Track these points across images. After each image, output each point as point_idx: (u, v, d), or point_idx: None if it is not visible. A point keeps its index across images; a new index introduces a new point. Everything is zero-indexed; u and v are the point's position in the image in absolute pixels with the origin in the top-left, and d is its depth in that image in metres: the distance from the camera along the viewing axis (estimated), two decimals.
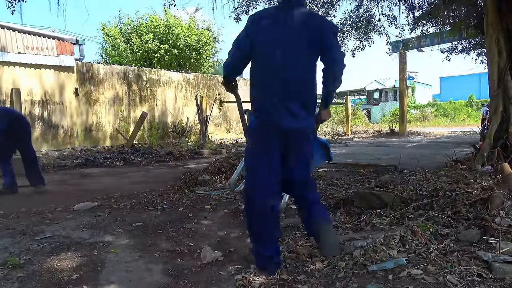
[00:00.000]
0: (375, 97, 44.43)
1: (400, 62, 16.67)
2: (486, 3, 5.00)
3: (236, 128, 16.97)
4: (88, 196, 4.54)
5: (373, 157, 8.28)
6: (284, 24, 2.25)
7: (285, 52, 2.21)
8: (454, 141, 12.43)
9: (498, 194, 2.80)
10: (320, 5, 9.13)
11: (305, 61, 2.25)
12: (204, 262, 2.45)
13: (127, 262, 2.49)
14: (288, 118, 2.20)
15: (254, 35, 2.27)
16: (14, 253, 2.62)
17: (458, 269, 2.00)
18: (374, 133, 18.71)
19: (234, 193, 4.49)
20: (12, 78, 10.00)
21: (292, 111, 2.20)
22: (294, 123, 2.22)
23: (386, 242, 2.39)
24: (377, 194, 3.40)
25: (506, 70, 4.76)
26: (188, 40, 17.69)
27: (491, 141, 4.71)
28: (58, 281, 2.20)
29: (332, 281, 2.08)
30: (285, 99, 2.20)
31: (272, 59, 2.23)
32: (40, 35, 10.51)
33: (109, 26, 18.54)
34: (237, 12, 8.79)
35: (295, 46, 2.23)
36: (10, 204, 4.18)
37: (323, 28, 2.24)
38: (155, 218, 3.54)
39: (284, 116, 2.20)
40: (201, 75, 16.09)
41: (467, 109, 31.09)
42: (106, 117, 12.29)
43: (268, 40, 2.25)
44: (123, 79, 12.82)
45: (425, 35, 12.71)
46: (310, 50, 2.24)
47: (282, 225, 3.27)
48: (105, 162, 8.24)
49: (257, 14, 2.42)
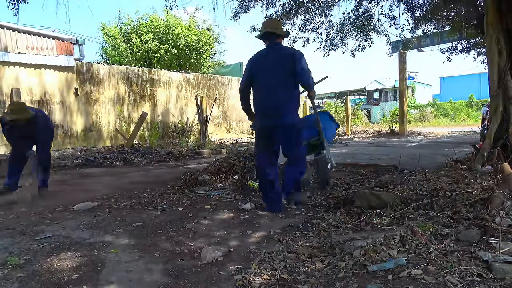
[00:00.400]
0: (375, 97, 44.44)
1: (400, 62, 16.67)
2: (486, 3, 4.99)
3: (236, 128, 16.98)
4: (88, 196, 4.54)
5: (373, 157, 8.28)
6: (270, 58, 3.61)
7: (272, 75, 3.55)
8: (454, 141, 12.43)
9: (498, 194, 2.80)
10: (318, 5, 9.12)
11: (287, 79, 3.56)
12: (204, 262, 2.45)
13: (127, 262, 2.49)
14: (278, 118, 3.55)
15: (253, 69, 3.69)
16: (14, 253, 2.62)
17: (458, 269, 2.00)
18: (374, 133, 18.72)
19: (234, 193, 4.50)
20: (12, 78, 10.00)
21: (280, 112, 3.54)
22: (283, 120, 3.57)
23: (386, 242, 2.39)
24: (377, 194, 3.40)
25: (506, 70, 4.75)
26: (188, 40, 17.69)
27: (491, 141, 4.71)
28: (58, 281, 2.20)
29: (332, 281, 2.08)
30: (276, 105, 3.54)
31: (265, 80, 3.60)
32: (40, 35, 10.51)
33: (109, 26, 18.55)
34: (237, 11, 8.81)
35: (279, 70, 3.54)
36: (10, 204, 4.18)
37: (293, 57, 3.53)
38: (155, 218, 3.54)
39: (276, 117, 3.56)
40: (201, 75, 16.10)
41: (467, 109, 31.10)
42: (106, 117, 12.30)
43: (262, 69, 3.63)
44: (123, 79, 12.82)
45: (425, 35, 12.71)
46: (288, 72, 3.53)
47: (282, 224, 3.28)
48: (105, 162, 8.24)
49: (253, 56, 3.75)
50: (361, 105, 33.79)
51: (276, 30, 3.68)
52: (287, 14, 9.02)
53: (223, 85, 16.60)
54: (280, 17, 9.10)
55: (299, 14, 9.15)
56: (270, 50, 3.66)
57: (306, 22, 9.51)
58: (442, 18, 8.12)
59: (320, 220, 3.26)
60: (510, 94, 4.72)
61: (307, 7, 9.04)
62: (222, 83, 16.61)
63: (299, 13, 9.10)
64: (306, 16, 9.31)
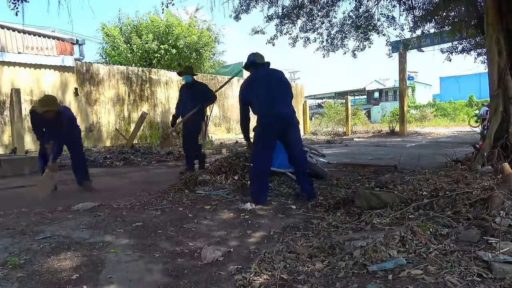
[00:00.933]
0: (375, 97, 44.45)
1: (400, 62, 16.68)
2: (486, 3, 4.99)
3: (236, 128, 16.96)
4: (88, 196, 4.54)
5: (373, 157, 8.28)
6: (265, 76, 4.24)
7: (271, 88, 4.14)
8: (454, 141, 12.43)
9: (498, 194, 2.80)
10: (320, 7, 9.12)
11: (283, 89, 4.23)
12: (204, 262, 2.45)
13: (127, 262, 2.49)
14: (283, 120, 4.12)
15: (253, 88, 4.21)
16: (14, 253, 2.61)
17: (458, 269, 2.00)
18: (374, 133, 18.73)
19: (234, 193, 4.50)
20: (12, 78, 10.00)
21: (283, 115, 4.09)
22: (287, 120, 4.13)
23: (386, 242, 2.39)
24: (377, 194, 3.40)
25: (506, 70, 4.75)
26: (188, 40, 17.68)
27: (491, 141, 4.71)
28: (58, 281, 2.20)
29: (332, 281, 2.08)
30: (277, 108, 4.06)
31: (265, 94, 4.11)
32: (40, 35, 10.51)
33: (109, 26, 18.53)
34: (237, 12, 8.81)
35: (275, 85, 4.18)
36: (10, 204, 4.18)
37: (281, 76, 4.31)
38: (155, 218, 3.54)
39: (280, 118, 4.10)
40: (201, 75, 16.09)
41: (467, 109, 31.10)
42: (106, 117, 12.30)
43: (261, 86, 4.16)
44: (123, 79, 12.82)
45: (425, 35, 12.71)
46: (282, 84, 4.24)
47: (282, 224, 3.28)
48: (105, 162, 8.24)
49: (247, 79, 4.36)
50: (361, 105, 33.74)
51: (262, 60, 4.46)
52: (288, 14, 9.03)
53: None
54: (281, 17, 9.12)
55: (300, 15, 9.15)
56: (263, 71, 4.40)
57: (307, 23, 9.51)
58: (442, 18, 8.12)
59: (320, 220, 3.26)
60: (510, 94, 4.72)
61: (308, 8, 9.04)
62: (222, 83, 16.61)
63: (300, 13, 9.10)
64: (306, 17, 9.32)
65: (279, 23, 9.33)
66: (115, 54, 18.15)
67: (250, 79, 4.32)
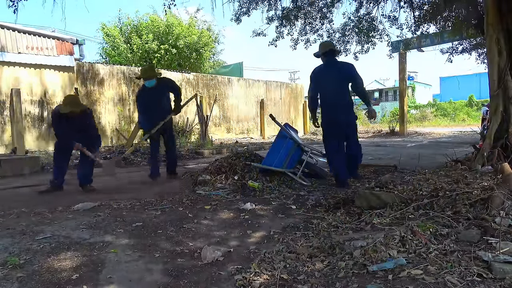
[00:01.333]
0: (375, 97, 44.42)
1: (400, 62, 16.67)
2: (486, 3, 4.99)
3: (236, 128, 16.96)
4: (88, 196, 4.54)
5: (373, 157, 8.28)
6: (330, 70, 5.00)
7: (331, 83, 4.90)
8: (454, 141, 12.43)
9: (498, 194, 2.80)
10: (318, 8, 9.12)
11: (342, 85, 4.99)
12: (204, 262, 2.45)
13: (127, 262, 2.49)
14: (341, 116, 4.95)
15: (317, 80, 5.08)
16: (14, 253, 2.62)
17: (458, 269, 2.00)
18: (374, 133, 18.73)
19: (234, 193, 4.50)
20: (12, 78, 9.99)
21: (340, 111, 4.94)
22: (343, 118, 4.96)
23: (386, 242, 2.39)
24: (377, 194, 3.40)
25: (506, 70, 4.75)
26: (188, 40, 17.68)
27: (491, 141, 4.70)
28: (58, 281, 2.20)
29: (332, 281, 2.08)
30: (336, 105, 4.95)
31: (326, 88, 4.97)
32: (40, 35, 10.50)
33: (109, 26, 18.52)
34: (237, 14, 8.82)
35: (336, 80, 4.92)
36: (10, 204, 4.18)
37: (349, 69, 5.00)
38: (155, 218, 3.54)
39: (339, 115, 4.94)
40: (201, 75, 16.09)
41: (467, 109, 31.10)
42: (106, 117, 12.29)
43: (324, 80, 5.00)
44: (123, 79, 12.82)
45: (425, 35, 12.70)
46: (344, 80, 4.97)
47: (282, 224, 3.28)
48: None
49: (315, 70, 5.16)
50: (361, 105, 33.73)
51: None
52: (286, 16, 9.03)
53: (223, 85, 16.59)
54: (280, 19, 9.12)
55: (298, 17, 9.16)
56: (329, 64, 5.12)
57: (306, 25, 9.51)
58: (442, 18, 8.11)
59: (320, 220, 3.26)
60: (510, 94, 4.71)
61: (306, 10, 9.04)
62: (222, 83, 16.60)
63: (298, 15, 9.10)
64: (305, 19, 9.32)
65: (280, 25, 9.33)
66: (115, 54, 18.14)
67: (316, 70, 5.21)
